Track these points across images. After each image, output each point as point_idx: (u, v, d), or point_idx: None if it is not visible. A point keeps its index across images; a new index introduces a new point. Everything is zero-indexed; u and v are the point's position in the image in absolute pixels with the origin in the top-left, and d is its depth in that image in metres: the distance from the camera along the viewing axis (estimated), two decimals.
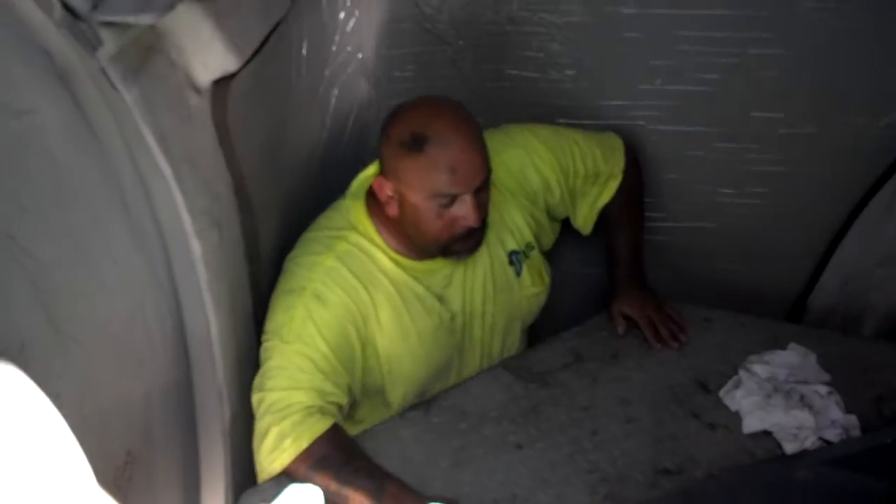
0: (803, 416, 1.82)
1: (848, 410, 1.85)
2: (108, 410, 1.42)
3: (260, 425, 1.71)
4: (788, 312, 2.37)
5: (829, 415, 1.84)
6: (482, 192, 1.75)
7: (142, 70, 1.27)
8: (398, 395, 1.89)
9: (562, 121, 2.08)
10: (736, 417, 1.86)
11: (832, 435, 1.81)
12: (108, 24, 1.17)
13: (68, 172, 1.29)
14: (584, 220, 2.06)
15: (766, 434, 1.83)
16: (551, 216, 2.03)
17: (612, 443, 1.79)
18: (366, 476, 1.67)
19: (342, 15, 1.90)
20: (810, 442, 1.80)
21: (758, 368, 1.91)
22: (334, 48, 1.92)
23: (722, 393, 1.90)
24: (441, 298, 1.88)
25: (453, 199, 1.72)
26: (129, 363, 1.49)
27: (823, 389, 1.87)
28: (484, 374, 1.95)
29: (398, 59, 2.05)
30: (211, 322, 1.61)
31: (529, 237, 1.96)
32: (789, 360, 1.94)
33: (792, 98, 2.04)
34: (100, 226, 1.38)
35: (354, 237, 1.81)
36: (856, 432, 1.83)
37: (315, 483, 1.60)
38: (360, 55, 1.99)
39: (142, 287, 1.50)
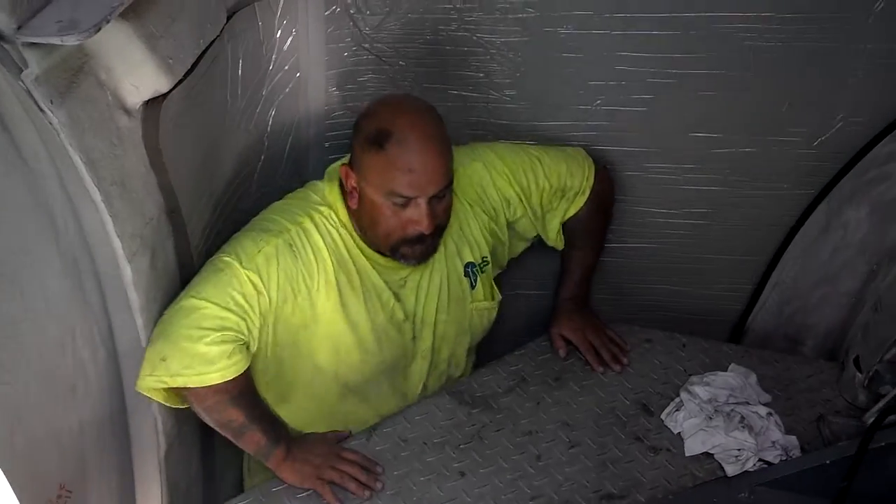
0: (744, 438, 1.82)
1: (788, 431, 1.88)
2: (39, 440, 1.39)
3: (180, 320, 1.65)
4: (730, 333, 2.39)
5: (769, 436, 1.85)
6: (439, 200, 1.75)
7: (69, 92, 1.24)
8: (337, 382, 1.87)
9: (503, 139, 2.07)
10: (678, 440, 1.86)
11: (772, 456, 1.83)
12: (33, 46, 1.14)
13: None
14: (556, 236, 2.07)
15: (708, 456, 1.83)
16: (517, 234, 2.03)
17: (557, 468, 1.79)
18: (267, 421, 1.74)
19: (279, 33, 1.88)
20: (751, 463, 1.81)
21: (699, 390, 1.92)
22: (271, 67, 1.89)
23: (664, 415, 1.91)
24: (397, 296, 1.86)
25: (408, 201, 1.72)
26: (60, 391, 1.46)
27: (763, 410, 1.89)
28: (426, 400, 1.92)
29: (337, 78, 2.02)
30: (144, 347, 1.59)
31: (486, 251, 1.96)
32: (730, 381, 1.95)
33: (728, 119, 2.06)
34: (28, 252, 1.34)
35: (329, 213, 1.81)
36: (796, 452, 1.85)
37: (226, 414, 1.69)
38: (298, 74, 1.96)
39: (72, 314, 1.47)
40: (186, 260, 1.68)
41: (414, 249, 1.80)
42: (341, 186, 1.81)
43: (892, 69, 1.98)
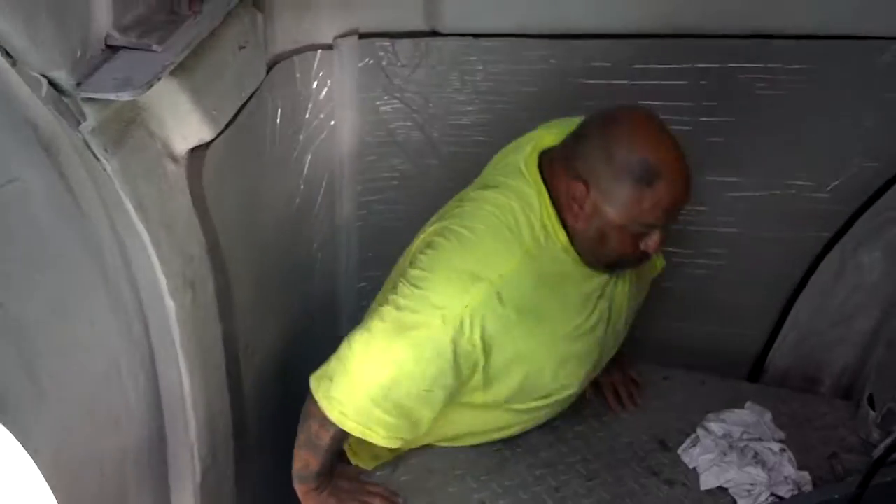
0: (756, 473, 1.88)
1: (802, 467, 1.92)
2: (83, 467, 1.45)
3: (375, 372, 1.65)
4: (749, 371, 2.44)
5: (782, 471, 1.90)
6: None
7: (122, 142, 1.34)
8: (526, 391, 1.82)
9: None
10: (693, 474, 1.92)
11: (784, 491, 1.87)
12: (91, 100, 1.24)
13: (51, 237, 1.34)
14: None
15: (722, 490, 1.88)
16: None
17: (574, 499, 1.85)
18: (334, 453, 1.78)
19: (315, 84, 1.98)
20: (763, 498, 1.86)
21: (714, 426, 1.98)
22: (307, 115, 1.99)
23: (680, 450, 1.97)
24: (597, 302, 1.82)
25: (651, 228, 1.69)
26: (105, 421, 1.52)
27: (776, 446, 1.94)
28: None
29: (369, 126, 2.12)
30: (184, 379, 1.65)
31: None
32: (745, 418, 2.01)
33: (742, 163, 2.14)
34: (79, 288, 1.42)
35: (540, 227, 1.70)
36: (808, 488, 1.89)
37: (319, 435, 1.72)
38: (332, 122, 2.06)
39: (117, 347, 1.53)
40: (226, 296, 1.76)
41: (633, 265, 1.80)
42: (544, 183, 1.71)
43: None
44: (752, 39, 2.01)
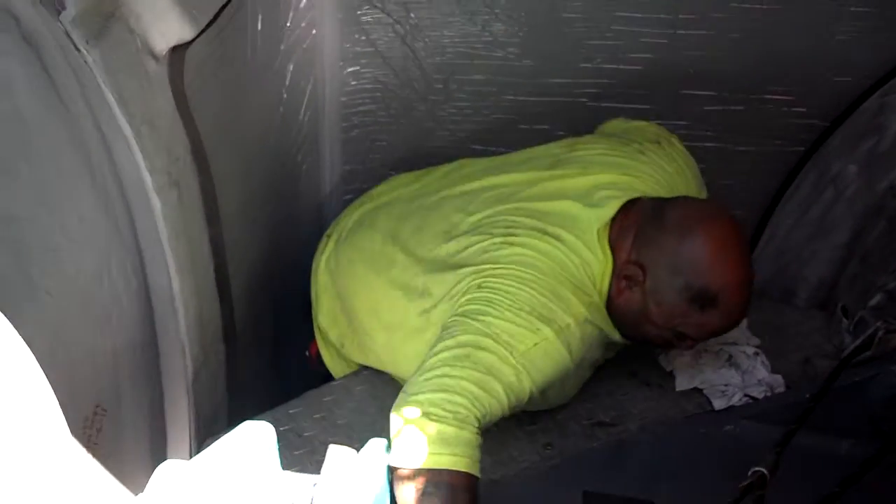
0: (730, 375, 1.94)
1: (775, 371, 1.97)
2: (77, 362, 1.48)
3: (431, 396, 1.50)
4: None
5: (755, 374, 1.96)
6: None
7: (102, 35, 1.35)
8: None
9: (510, 96, 2.18)
10: (670, 377, 1.97)
11: (757, 392, 1.93)
12: None
13: (34, 129, 1.37)
14: None
15: (698, 392, 1.94)
16: None
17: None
18: None
19: None
20: (737, 398, 1.92)
21: None
22: (289, 24, 2.00)
23: (657, 354, 2.02)
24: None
25: (687, 339, 1.69)
26: (97, 318, 1.55)
27: (751, 350, 1.99)
28: None
29: (351, 37, 2.13)
30: (172, 278, 1.68)
31: None
32: None
33: (719, 78, 2.16)
34: (66, 184, 1.45)
35: (596, 297, 1.67)
36: (781, 390, 1.95)
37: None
38: (314, 31, 2.07)
39: (107, 246, 1.56)
40: (211, 199, 1.78)
41: (657, 347, 1.83)
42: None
43: (877, 30, 2.07)
44: None
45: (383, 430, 1.51)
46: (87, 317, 1.52)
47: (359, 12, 2.11)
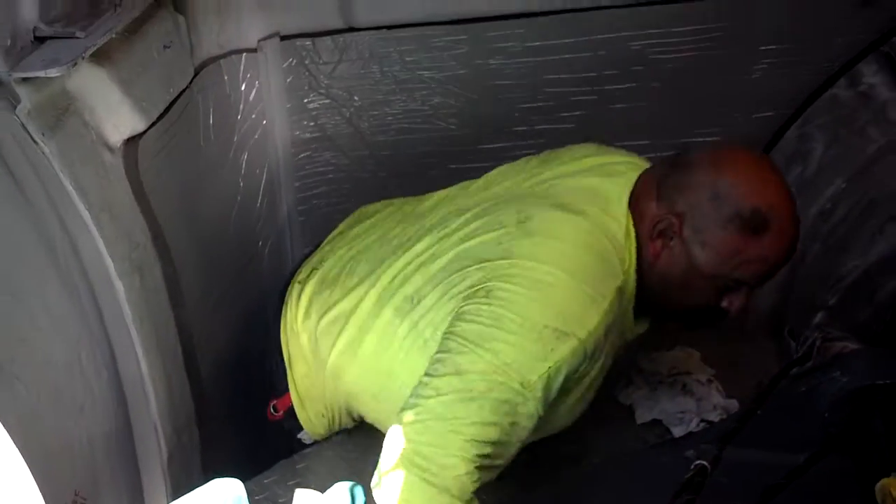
0: (686, 402, 2.02)
1: (730, 396, 2.05)
2: (52, 452, 1.51)
3: (449, 408, 1.41)
4: None
5: (710, 400, 2.04)
6: None
7: (57, 127, 1.46)
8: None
9: (453, 165, 2.29)
10: (629, 410, 2.05)
11: (714, 416, 2.01)
12: (24, 82, 1.37)
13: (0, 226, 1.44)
14: None
15: (657, 422, 2.01)
16: None
17: None
18: None
19: (243, 86, 2.11)
20: (694, 424, 1.99)
21: (645, 365, 2.12)
22: (239, 117, 2.12)
23: (616, 391, 2.10)
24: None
25: (740, 286, 1.56)
26: (70, 408, 1.58)
27: (704, 377, 2.08)
28: None
29: (300, 123, 2.25)
30: (141, 361, 1.73)
31: None
32: (674, 356, 2.15)
33: (648, 126, 2.29)
34: (33, 276, 1.50)
35: (623, 277, 1.53)
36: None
37: None
38: (264, 122, 2.19)
39: (77, 335, 1.61)
40: (174, 284, 1.86)
41: (698, 323, 1.68)
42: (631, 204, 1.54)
43: (790, 64, 2.23)
44: (635, 8, 2.18)
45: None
46: (59, 407, 1.55)
47: (306, 100, 2.23)
